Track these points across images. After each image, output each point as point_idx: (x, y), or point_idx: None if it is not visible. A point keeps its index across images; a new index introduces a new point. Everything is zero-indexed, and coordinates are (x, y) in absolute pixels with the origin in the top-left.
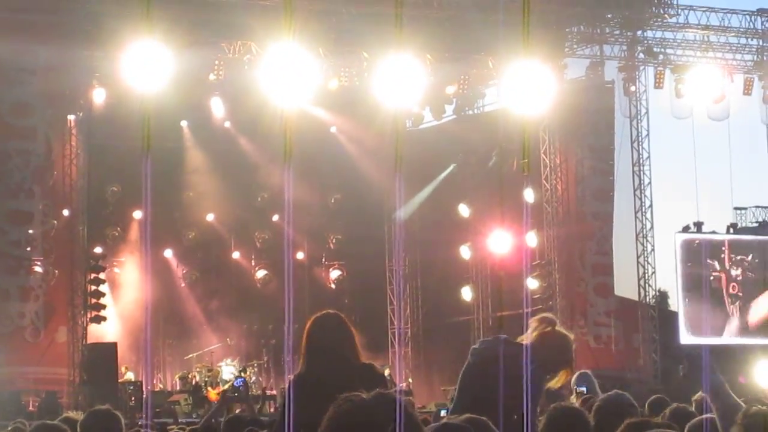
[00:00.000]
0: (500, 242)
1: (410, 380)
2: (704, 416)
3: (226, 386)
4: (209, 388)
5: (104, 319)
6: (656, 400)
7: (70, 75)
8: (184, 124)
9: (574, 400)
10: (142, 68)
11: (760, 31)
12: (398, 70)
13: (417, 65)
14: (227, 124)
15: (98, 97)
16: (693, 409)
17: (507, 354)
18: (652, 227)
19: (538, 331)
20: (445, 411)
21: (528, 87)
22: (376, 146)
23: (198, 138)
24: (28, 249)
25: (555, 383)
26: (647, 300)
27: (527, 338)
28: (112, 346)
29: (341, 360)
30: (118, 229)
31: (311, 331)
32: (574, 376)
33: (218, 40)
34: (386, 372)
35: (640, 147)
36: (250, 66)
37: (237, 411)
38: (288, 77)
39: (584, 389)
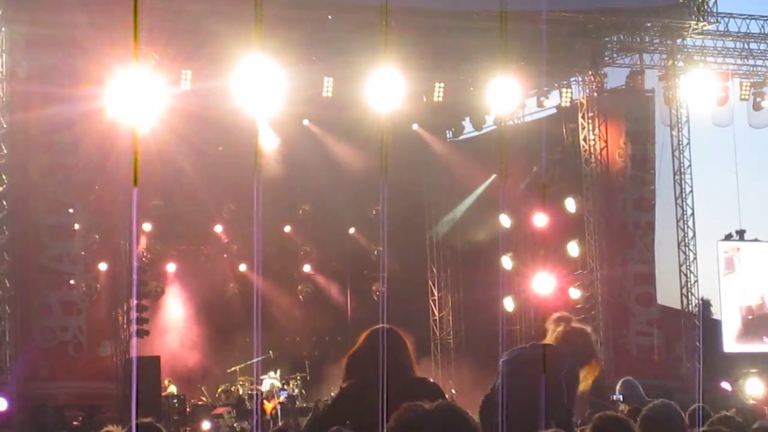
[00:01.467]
0: (543, 253)
1: (453, 392)
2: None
3: (282, 398)
4: (265, 401)
5: (147, 332)
6: (695, 410)
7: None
8: None
9: (623, 409)
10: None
11: None
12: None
13: (456, 76)
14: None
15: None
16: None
17: (535, 359)
18: (694, 236)
19: (558, 331)
20: None
21: (567, 97)
22: (414, 157)
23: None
24: (70, 263)
25: (584, 380)
26: (690, 309)
27: (549, 341)
28: (155, 360)
29: (398, 370)
30: (160, 242)
31: (367, 341)
32: (619, 383)
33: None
34: (453, 392)
35: (681, 155)
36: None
37: (281, 424)
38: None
39: (620, 397)
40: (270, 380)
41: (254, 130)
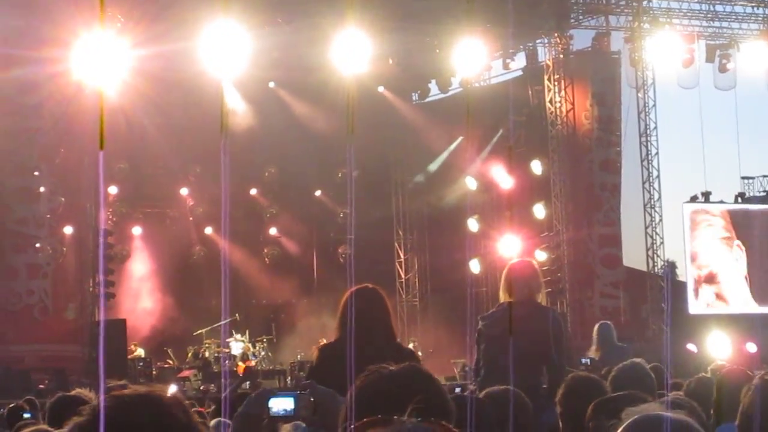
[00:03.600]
0: (508, 214)
1: (420, 353)
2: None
3: (256, 361)
4: (239, 363)
5: (113, 295)
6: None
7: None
8: None
9: (594, 351)
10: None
11: None
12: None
13: (423, 38)
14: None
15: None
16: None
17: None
18: (659, 197)
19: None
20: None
21: (534, 59)
22: (380, 120)
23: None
24: (36, 227)
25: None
26: (656, 270)
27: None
28: (121, 323)
29: (372, 333)
30: (126, 205)
31: (347, 303)
32: (596, 326)
33: None
34: (411, 345)
35: (647, 117)
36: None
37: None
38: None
39: (588, 362)
40: (236, 343)
41: (220, 93)
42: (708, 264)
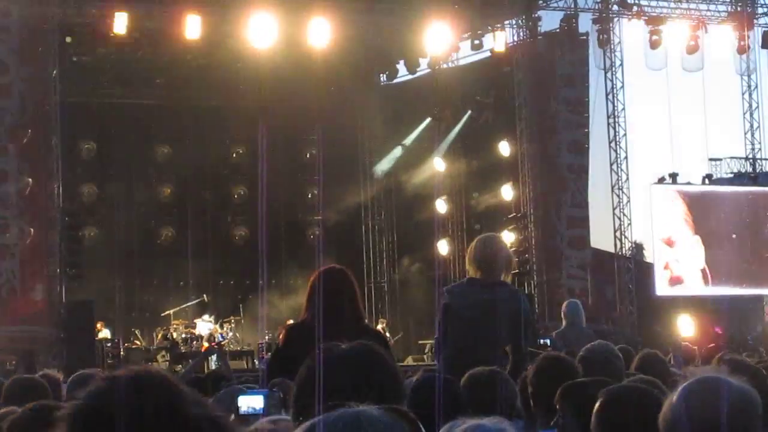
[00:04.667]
0: (476, 196)
1: (388, 335)
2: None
3: (224, 342)
4: (205, 343)
5: (81, 276)
6: (622, 350)
7: (43, 32)
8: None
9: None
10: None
11: None
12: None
13: (390, 18)
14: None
15: (72, 54)
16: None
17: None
18: (627, 179)
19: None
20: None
21: (502, 40)
22: (350, 100)
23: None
24: (3, 207)
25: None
26: (623, 252)
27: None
28: (89, 304)
29: (340, 314)
30: (93, 186)
31: (314, 284)
32: (564, 303)
33: None
34: (381, 326)
35: (615, 99)
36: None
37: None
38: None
39: (548, 341)
40: (204, 323)
41: (187, 73)
42: (673, 246)
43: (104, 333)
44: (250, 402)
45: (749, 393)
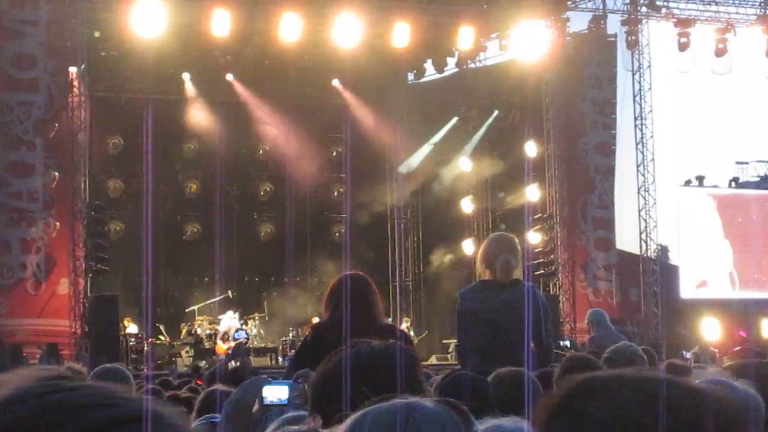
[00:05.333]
0: (502, 196)
1: (412, 333)
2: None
3: (239, 341)
4: (219, 342)
5: (106, 271)
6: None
7: (72, 26)
8: (186, 76)
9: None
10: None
11: None
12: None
13: (419, 18)
14: (229, 77)
15: (100, 48)
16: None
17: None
18: (654, 181)
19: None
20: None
21: (530, 40)
22: (378, 99)
23: (200, 90)
24: (30, 201)
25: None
26: (648, 254)
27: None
28: (114, 299)
29: (365, 314)
30: (120, 181)
31: (338, 285)
32: (588, 312)
33: None
34: (405, 325)
35: (642, 101)
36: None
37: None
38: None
39: (568, 343)
40: (229, 320)
41: (216, 69)
42: (699, 249)
43: (131, 328)
44: (276, 392)
45: (753, 396)
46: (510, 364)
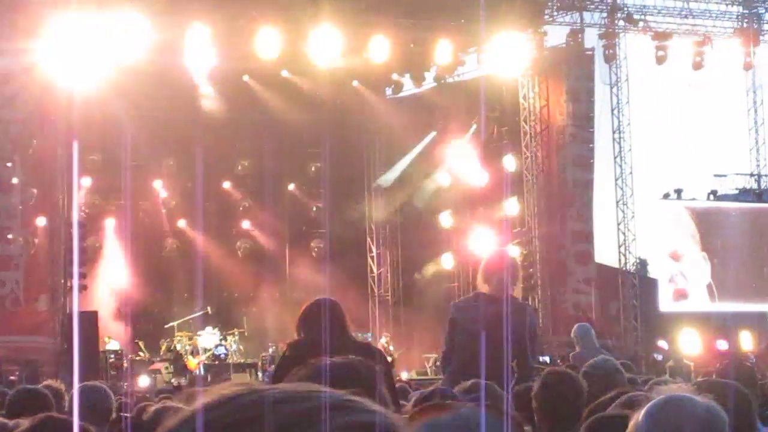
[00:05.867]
0: (481, 211)
1: (391, 348)
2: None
3: (206, 356)
4: (189, 357)
5: (85, 288)
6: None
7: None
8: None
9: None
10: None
11: None
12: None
13: (396, 33)
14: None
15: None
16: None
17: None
18: (632, 194)
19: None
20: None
21: (508, 54)
22: (355, 114)
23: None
24: (8, 218)
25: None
26: (627, 267)
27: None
28: (93, 315)
29: (341, 333)
30: (98, 198)
31: (310, 309)
32: (574, 327)
33: None
34: (385, 340)
35: (620, 114)
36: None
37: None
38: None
39: (547, 359)
40: (208, 335)
41: (193, 86)
42: (679, 260)
43: (111, 345)
44: None
45: (715, 412)
46: (488, 378)
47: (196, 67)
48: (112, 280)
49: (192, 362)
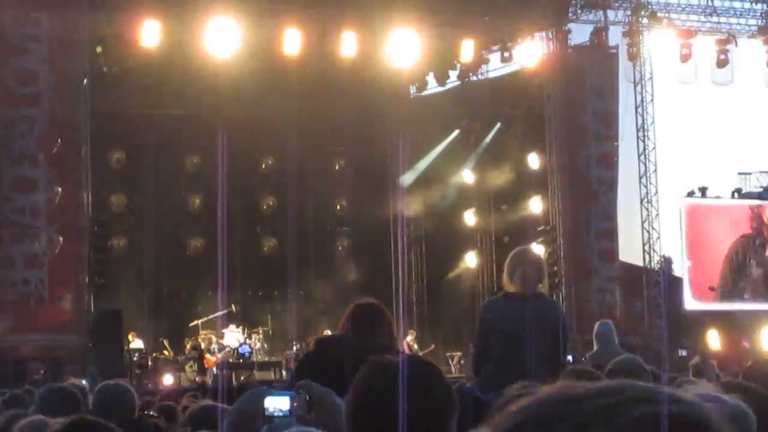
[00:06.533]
0: (505, 208)
1: (416, 347)
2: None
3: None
4: (207, 355)
5: (109, 286)
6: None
7: (74, 42)
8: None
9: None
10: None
11: None
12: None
13: (420, 31)
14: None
15: (102, 64)
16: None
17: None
18: (656, 192)
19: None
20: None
21: (532, 52)
22: (379, 112)
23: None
24: (33, 216)
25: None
26: (652, 265)
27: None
28: (118, 313)
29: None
30: (123, 196)
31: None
32: (596, 325)
33: None
34: (410, 338)
35: (645, 112)
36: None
37: (242, 378)
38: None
39: (570, 358)
40: (232, 334)
41: (218, 84)
42: (703, 260)
43: (136, 343)
44: (277, 403)
45: (743, 413)
46: (523, 379)
47: (220, 62)
48: (136, 279)
49: (210, 359)
